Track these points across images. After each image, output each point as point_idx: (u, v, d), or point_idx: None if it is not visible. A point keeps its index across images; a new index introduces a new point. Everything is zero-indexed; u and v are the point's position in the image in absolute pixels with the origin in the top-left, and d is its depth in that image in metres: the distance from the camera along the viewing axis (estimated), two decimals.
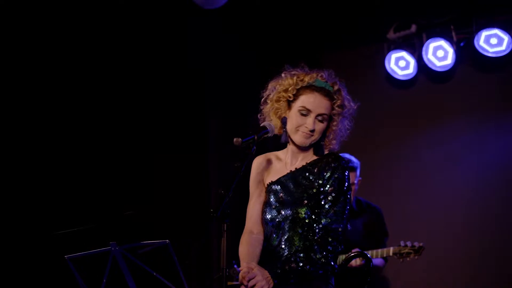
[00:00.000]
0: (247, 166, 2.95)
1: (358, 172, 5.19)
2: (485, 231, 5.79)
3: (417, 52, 6.04)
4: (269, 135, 3.04)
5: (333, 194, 2.99)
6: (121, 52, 6.10)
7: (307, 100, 3.05)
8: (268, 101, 3.19)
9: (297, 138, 3.07)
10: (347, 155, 5.22)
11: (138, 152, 6.22)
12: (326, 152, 3.15)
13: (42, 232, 5.22)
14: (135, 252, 3.10)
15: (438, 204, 6.03)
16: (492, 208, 5.81)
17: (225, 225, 2.74)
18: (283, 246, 3.02)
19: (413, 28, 5.98)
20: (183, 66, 6.43)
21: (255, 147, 2.95)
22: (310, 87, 3.08)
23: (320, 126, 3.05)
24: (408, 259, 4.90)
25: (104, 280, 3.10)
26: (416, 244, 4.89)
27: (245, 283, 2.81)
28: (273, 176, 3.15)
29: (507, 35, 5.62)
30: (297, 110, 3.06)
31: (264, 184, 3.18)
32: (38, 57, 5.73)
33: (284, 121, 3.06)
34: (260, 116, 3.23)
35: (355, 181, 5.16)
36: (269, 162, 3.22)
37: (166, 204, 6.17)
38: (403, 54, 6.04)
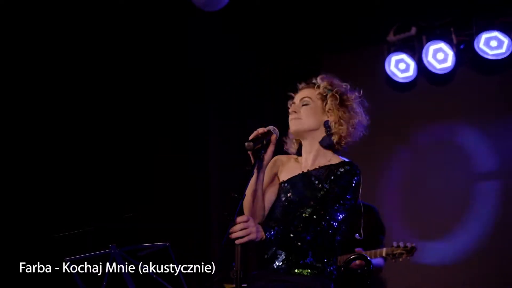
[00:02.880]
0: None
1: None
2: (486, 233, 5.80)
3: (417, 55, 6.03)
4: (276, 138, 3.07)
5: (336, 196, 3.01)
6: (121, 52, 6.10)
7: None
8: None
9: (290, 125, 3.19)
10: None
11: (138, 153, 6.23)
12: (335, 140, 3.16)
13: (42, 234, 5.22)
14: (135, 255, 3.11)
15: (439, 206, 6.03)
16: (494, 209, 5.81)
17: None
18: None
19: (413, 30, 5.98)
20: (183, 66, 6.43)
21: (263, 151, 2.98)
22: (299, 90, 3.26)
23: (304, 109, 3.15)
24: (400, 259, 4.91)
25: (104, 282, 3.10)
26: (408, 244, 4.91)
27: (237, 228, 2.76)
28: (286, 174, 3.20)
29: (507, 37, 5.62)
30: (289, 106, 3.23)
31: (278, 179, 3.23)
32: (39, 57, 5.74)
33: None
34: None
35: None
36: (287, 161, 3.28)
37: (166, 204, 6.17)
38: (403, 56, 6.04)
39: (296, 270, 3.03)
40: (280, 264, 3.04)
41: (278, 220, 3.08)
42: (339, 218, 3.00)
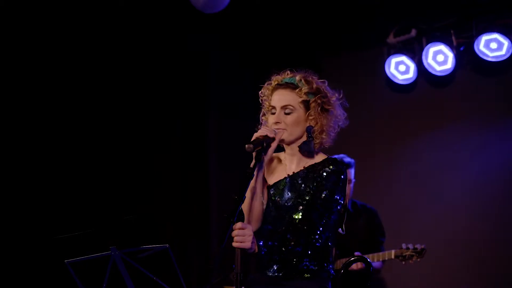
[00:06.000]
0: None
1: (353, 171, 5.17)
2: (486, 234, 5.80)
3: (417, 57, 6.04)
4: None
5: (326, 200, 2.99)
6: (121, 53, 6.10)
7: (273, 98, 3.08)
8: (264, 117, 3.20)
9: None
10: (341, 155, 5.21)
11: (138, 153, 6.23)
12: (316, 147, 3.08)
13: (42, 236, 5.22)
14: (135, 257, 3.11)
15: (439, 208, 6.04)
16: (493, 211, 5.82)
17: None
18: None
19: (413, 32, 5.99)
20: (183, 66, 6.44)
21: (264, 153, 2.95)
22: (276, 87, 3.10)
23: (288, 119, 3.03)
24: (410, 261, 4.92)
25: (104, 285, 3.11)
26: (418, 246, 4.91)
27: (234, 234, 2.79)
28: (272, 178, 3.15)
29: (507, 39, 5.62)
30: (268, 111, 3.10)
31: (266, 182, 3.18)
32: (39, 58, 5.73)
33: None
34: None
35: (352, 180, 5.15)
36: (270, 162, 3.20)
37: (166, 205, 6.17)
38: (403, 58, 6.04)
39: (293, 275, 3.01)
40: (276, 271, 3.03)
41: (270, 232, 3.05)
42: (330, 222, 3.00)
